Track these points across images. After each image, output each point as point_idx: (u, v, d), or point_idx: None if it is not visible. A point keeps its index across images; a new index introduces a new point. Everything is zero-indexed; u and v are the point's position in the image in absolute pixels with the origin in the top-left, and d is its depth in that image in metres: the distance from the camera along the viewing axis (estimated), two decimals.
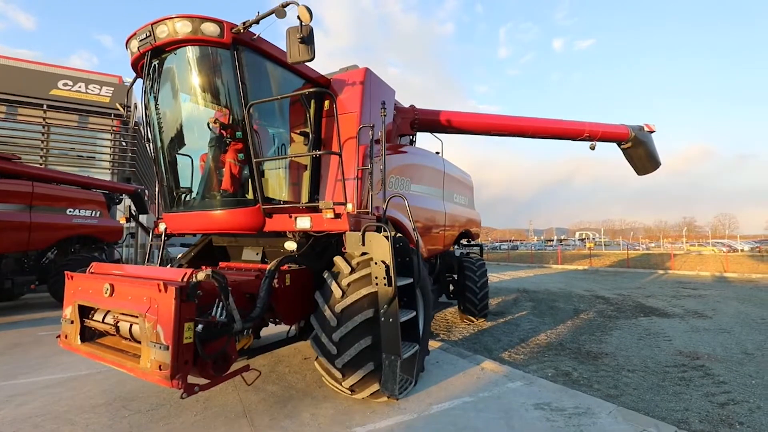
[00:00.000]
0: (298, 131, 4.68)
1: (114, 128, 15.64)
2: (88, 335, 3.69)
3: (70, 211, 10.16)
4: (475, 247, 8.63)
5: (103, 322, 3.49)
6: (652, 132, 7.50)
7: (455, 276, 7.81)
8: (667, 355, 5.58)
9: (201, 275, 3.15)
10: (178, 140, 4.38)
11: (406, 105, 6.63)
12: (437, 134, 7.45)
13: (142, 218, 19.19)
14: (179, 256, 5.34)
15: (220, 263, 5.03)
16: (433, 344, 5.55)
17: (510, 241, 74.24)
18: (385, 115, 4.20)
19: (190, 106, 4.33)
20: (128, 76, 16.85)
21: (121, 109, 4.92)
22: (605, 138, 7.36)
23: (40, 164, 14.58)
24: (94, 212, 10.86)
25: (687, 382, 4.51)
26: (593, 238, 63.13)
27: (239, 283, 3.79)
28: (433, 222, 6.41)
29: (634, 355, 5.64)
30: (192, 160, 4.36)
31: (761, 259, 24.51)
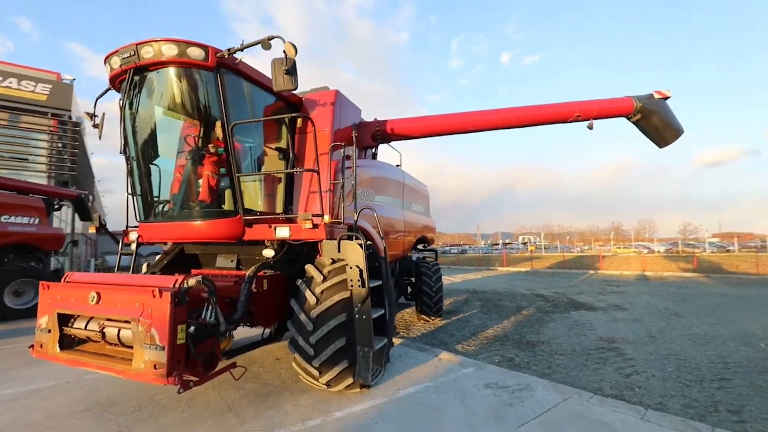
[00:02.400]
0: (272, 146, 5.03)
1: (51, 128, 14.52)
2: (67, 343, 3.77)
3: (5, 218, 9.45)
4: (430, 252, 9.34)
5: (86, 329, 3.62)
6: (666, 98, 6.65)
7: (413, 279, 8.44)
8: (591, 341, 6.63)
9: (192, 281, 3.44)
10: (156, 153, 4.55)
11: (362, 111, 6.68)
12: (397, 146, 8.03)
13: (78, 225, 17.86)
14: (149, 264, 5.40)
15: (192, 270, 5.19)
16: (395, 341, 6.10)
17: (459, 245, 77.34)
18: (356, 135, 4.70)
19: (168, 120, 4.53)
20: (67, 73, 15.74)
21: (88, 119, 4.87)
22: (603, 115, 6.73)
23: None
24: (32, 219, 10.15)
25: (604, 361, 5.49)
26: (534, 242, 67.74)
27: (220, 289, 4.07)
28: (394, 229, 6.99)
29: (564, 342, 6.61)
30: (168, 173, 4.56)
31: (673, 260, 28.14)
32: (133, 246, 5.14)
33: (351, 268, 3.90)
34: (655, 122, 6.68)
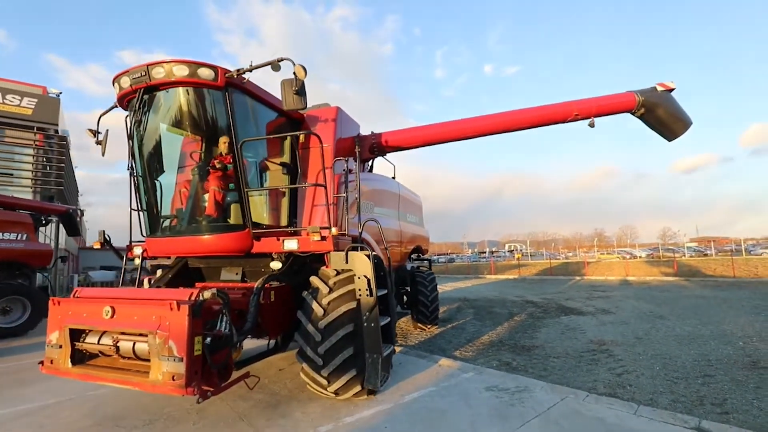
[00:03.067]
0: (276, 161, 5.20)
1: (37, 143, 14.30)
2: (78, 358, 3.81)
3: None
4: (425, 262, 9.56)
5: (99, 343, 3.68)
6: (669, 90, 6.47)
7: (408, 288, 8.61)
8: (582, 344, 6.90)
9: (207, 294, 3.56)
10: (163, 169, 4.67)
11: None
12: (391, 158, 8.26)
13: (61, 240, 17.47)
14: (153, 279, 5.44)
15: (197, 284, 5.27)
16: (394, 349, 6.24)
17: (447, 254, 77.89)
18: (359, 150, 4.92)
19: (175, 137, 4.66)
20: (52, 86, 15.58)
21: (91, 135, 4.93)
22: (604, 112, 6.59)
23: None
24: (19, 235, 9.98)
25: (596, 362, 5.75)
26: (521, 250, 68.79)
27: (231, 301, 4.17)
28: (392, 240, 7.19)
29: (557, 345, 6.87)
30: (176, 189, 4.68)
31: (654, 264, 29.05)
32: (137, 261, 5.20)
33: (359, 278, 4.07)
34: (661, 115, 6.51)
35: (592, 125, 6.55)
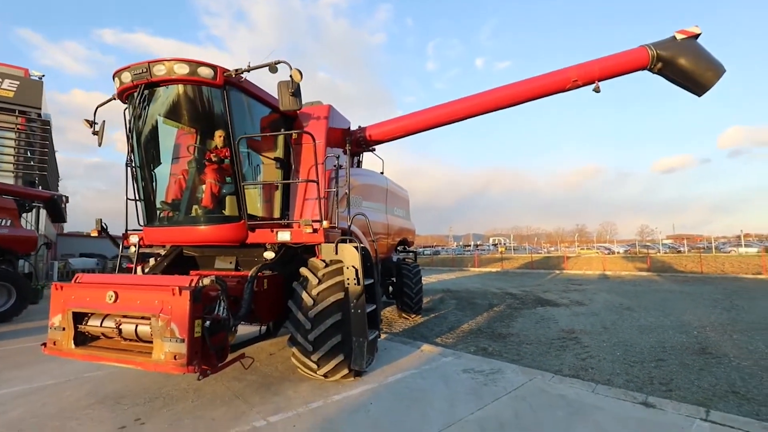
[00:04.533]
0: (270, 156, 5.43)
1: (18, 126, 13.99)
2: (80, 340, 4.03)
3: None
4: (410, 254, 9.93)
5: (101, 326, 3.91)
6: (693, 36, 5.77)
7: (394, 279, 8.97)
8: (554, 332, 7.42)
9: (206, 280, 3.84)
10: (161, 161, 4.86)
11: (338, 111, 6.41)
12: (379, 152, 8.54)
13: (41, 226, 17.18)
14: (146, 266, 5.63)
15: (191, 271, 5.49)
16: (379, 334, 6.61)
17: (432, 246, 78.82)
18: (350, 147, 5.20)
19: (173, 131, 4.85)
20: (35, 69, 15.19)
21: (88, 126, 5.04)
22: (610, 74, 5.99)
23: None
24: (3, 221, 9.92)
25: (564, 348, 6.25)
26: (504, 243, 70.17)
27: (228, 288, 4.44)
28: (379, 233, 7.51)
29: (531, 333, 7.37)
30: (173, 180, 4.88)
31: (630, 260, 30.23)
32: (132, 249, 5.39)
33: (348, 268, 4.38)
34: (684, 67, 5.78)
35: (597, 90, 6.01)
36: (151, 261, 5.75)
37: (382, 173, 8.28)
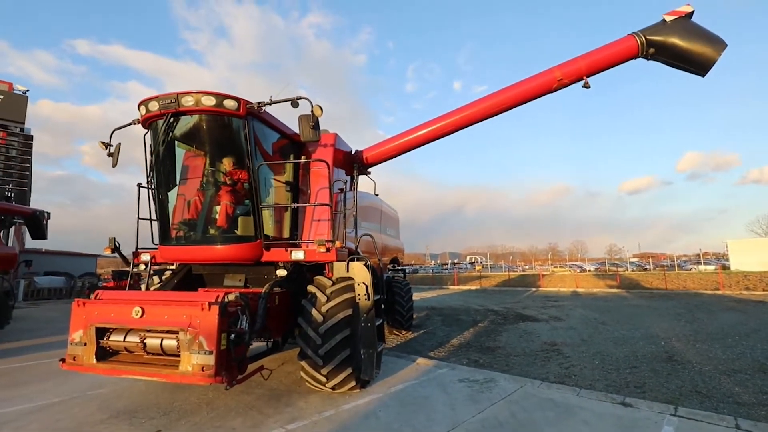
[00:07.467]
0: (281, 180, 5.79)
1: None
2: (101, 355, 4.18)
3: None
4: (400, 272, 10.35)
5: (124, 340, 4.09)
6: (685, 14, 5.51)
7: (385, 296, 9.31)
8: (537, 345, 7.96)
9: (231, 296, 4.12)
10: (178, 183, 5.14)
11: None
12: (372, 175, 9.01)
13: (14, 243, 16.48)
14: (157, 282, 5.77)
15: (200, 289, 5.69)
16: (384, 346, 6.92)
17: (411, 265, 79.33)
18: (357, 173, 5.65)
19: (194, 156, 5.16)
20: (20, 84, 14.94)
21: (103, 147, 5.26)
22: (598, 68, 5.77)
23: None
24: None
25: (548, 359, 6.77)
26: (481, 262, 71.64)
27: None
28: (374, 251, 7.91)
29: (517, 346, 7.87)
30: (191, 202, 5.16)
31: (601, 277, 31.66)
32: (142, 267, 5.56)
33: (359, 284, 4.75)
34: (679, 48, 5.47)
35: (587, 86, 5.79)
36: (156, 279, 5.92)
37: (376, 195, 8.76)
